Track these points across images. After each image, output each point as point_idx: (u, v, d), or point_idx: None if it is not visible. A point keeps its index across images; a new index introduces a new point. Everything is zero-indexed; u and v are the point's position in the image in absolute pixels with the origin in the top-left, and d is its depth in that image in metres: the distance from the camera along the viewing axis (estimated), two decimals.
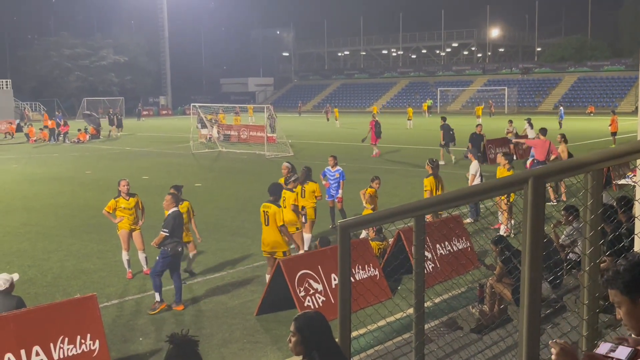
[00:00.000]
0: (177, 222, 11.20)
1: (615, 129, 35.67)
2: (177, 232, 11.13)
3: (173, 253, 11.05)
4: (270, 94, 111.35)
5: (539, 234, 3.79)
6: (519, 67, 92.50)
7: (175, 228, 11.09)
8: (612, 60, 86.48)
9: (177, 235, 11.15)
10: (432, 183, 15.23)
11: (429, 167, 15.64)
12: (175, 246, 11.07)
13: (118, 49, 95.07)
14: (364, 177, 23.67)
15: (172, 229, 11.00)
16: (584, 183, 4.03)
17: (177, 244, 11.12)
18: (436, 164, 15.78)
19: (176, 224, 11.14)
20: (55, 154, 37.63)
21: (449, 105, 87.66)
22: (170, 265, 11.11)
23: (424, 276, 5.28)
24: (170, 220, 11.08)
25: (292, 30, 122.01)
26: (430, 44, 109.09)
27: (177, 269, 11.28)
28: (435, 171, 15.49)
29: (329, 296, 10.75)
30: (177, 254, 11.14)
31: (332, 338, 4.49)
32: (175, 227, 11.07)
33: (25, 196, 22.79)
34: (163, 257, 11.04)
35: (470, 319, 9.70)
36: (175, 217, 11.21)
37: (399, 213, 5.25)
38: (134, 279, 12.91)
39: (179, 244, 11.19)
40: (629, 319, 2.88)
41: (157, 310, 10.89)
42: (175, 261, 11.15)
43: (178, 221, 11.24)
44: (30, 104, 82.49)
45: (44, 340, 8.05)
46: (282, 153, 34.67)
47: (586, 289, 4.04)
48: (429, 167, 15.61)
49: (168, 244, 10.99)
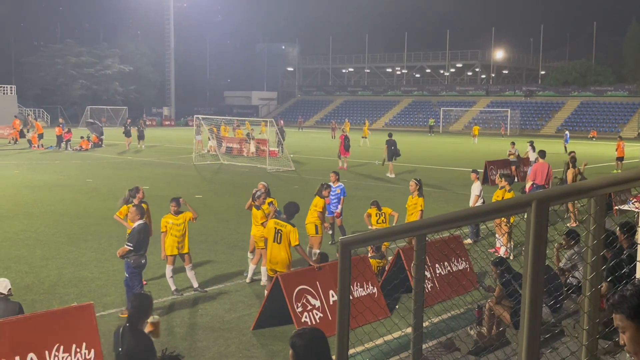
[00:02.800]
0: (142, 236, 11.26)
1: (621, 154, 35.73)
2: (141, 245, 11.22)
3: (136, 265, 11.14)
4: (273, 108, 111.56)
5: (541, 257, 3.77)
6: (523, 89, 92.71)
7: (140, 242, 11.18)
8: (616, 85, 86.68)
9: (142, 248, 11.24)
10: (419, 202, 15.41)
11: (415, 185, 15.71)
12: (138, 258, 11.16)
13: (123, 59, 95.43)
14: (365, 195, 23.72)
15: (137, 243, 11.09)
16: (587, 208, 4.02)
17: (140, 257, 11.21)
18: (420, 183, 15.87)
19: (141, 237, 11.20)
20: (57, 161, 37.64)
21: (452, 125, 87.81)
22: (137, 275, 11.24)
23: (424, 296, 5.25)
24: (135, 235, 11.16)
25: (297, 46, 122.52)
26: (435, 63, 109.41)
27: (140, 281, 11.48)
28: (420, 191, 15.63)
29: (327, 312, 10.71)
30: (139, 265, 11.22)
31: (329, 356, 4.45)
32: (140, 241, 11.16)
33: (26, 202, 22.77)
34: (129, 271, 11.19)
35: (468, 340, 9.64)
36: (140, 230, 11.25)
37: (400, 232, 5.23)
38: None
39: (142, 257, 11.26)
40: (632, 345, 2.85)
41: None
42: (138, 272, 11.29)
43: (143, 235, 11.28)
44: (34, 110, 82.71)
45: (39, 347, 8.00)
46: (284, 167, 34.68)
47: (586, 314, 4.02)
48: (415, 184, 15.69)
49: (131, 257, 11.10)
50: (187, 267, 12.65)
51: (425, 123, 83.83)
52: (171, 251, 12.47)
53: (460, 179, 29.56)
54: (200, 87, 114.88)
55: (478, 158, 37.57)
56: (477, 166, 25.18)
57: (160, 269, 14.37)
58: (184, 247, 12.57)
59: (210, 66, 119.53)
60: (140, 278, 11.41)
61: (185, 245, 12.58)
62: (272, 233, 11.44)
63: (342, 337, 4.95)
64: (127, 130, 48.45)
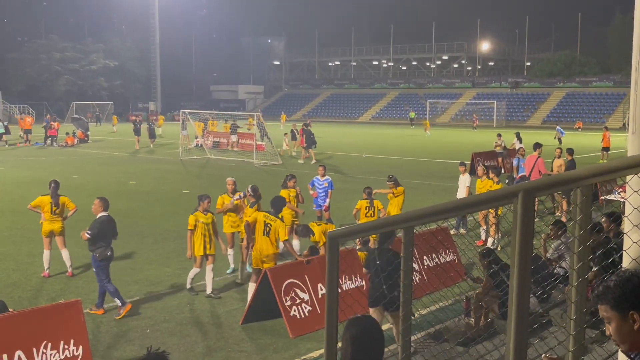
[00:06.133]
0: (104, 227, 11.20)
1: (607, 144, 35.91)
2: (103, 237, 11.14)
3: (102, 258, 11.08)
4: (260, 102, 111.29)
5: (528, 248, 3.78)
6: (508, 81, 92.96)
7: (101, 233, 11.12)
8: (601, 76, 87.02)
9: (105, 240, 11.16)
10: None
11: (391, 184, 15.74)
12: (104, 251, 11.10)
13: (108, 54, 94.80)
14: (352, 187, 23.73)
15: (97, 233, 11.04)
16: (574, 198, 4.03)
17: (105, 249, 11.13)
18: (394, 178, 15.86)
19: (102, 228, 11.16)
20: (42, 158, 37.41)
21: (438, 118, 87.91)
22: (104, 269, 11.15)
23: (412, 288, 5.26)
24: (96, 225, 11.16)
25: (283, 39, 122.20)
26: (421, 56, 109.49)
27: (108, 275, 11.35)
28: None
29: (316, 306, 10.71)
30: (105, 258, 11.14)
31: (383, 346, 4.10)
32: (100, 232, 11.10)
33: (12, 199, 22.63)
34: (96, 265, 11.15)
35: (456, 331, 9.68)
36: (102, 222, 11.23)
37: (388, 224, 5.23)
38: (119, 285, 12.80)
39: (107, 249, 11.17)
40: (618, 335, 2.87)
41: (122, 315, 10.94)
42: (105, 265, 11.19)
43: (105, 226, 11.22)
44: (19, 106, 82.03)
45: (27, 345, 7.96)
46: (271, 161, 34.63)
47: (574, 304, 4.03)
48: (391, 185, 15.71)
49: (96, 250, 11.06)
50: (208, 267, 12.20)
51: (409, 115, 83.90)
52: (199, 251, 12.14)
53: (446, 171, 29.62)
54: (186, 82, 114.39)
55: (464, 150, 37.64)
56: (463, 158, 25.26)
57: (156, 264, 14.37)
58: (212, 247, 12.29)
59: (196, 60, 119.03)
60: (108, 271, 11.24)
61: (212, 246, 12.31)
62: (261, 226, 11.44)
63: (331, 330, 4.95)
64: (137, 128, 44.87)
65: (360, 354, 3.92)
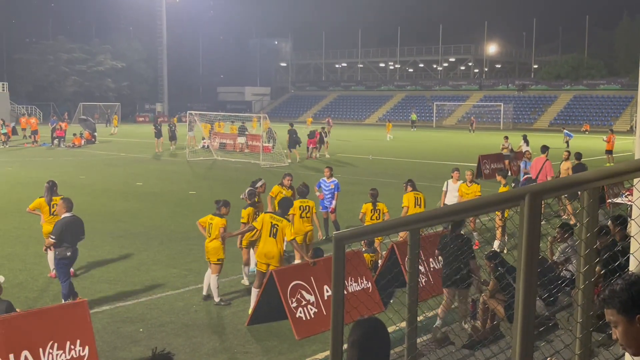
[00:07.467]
0: (67, 229, 11.23)
1: (611, 147, 35.75)
2: (66, 238, 11.20)
3: (61, 257, 11.20)
4: (266, 103, 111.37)
5: (534, 250, 3.78)
6: (516, 83, 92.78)
7: (64, 235, 11.18)
8: (608, 79, 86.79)
9: (67, 241, 11.22)
10: (409, 199, 15.35)
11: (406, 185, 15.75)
12: (63, 251, 11.18)
13: (115, 55, 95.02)
14: (359, 189, 23.70)
15: (60, 235, 11.12)
16: (580, 201, 4.02)
17: (66, 249, 11.20)
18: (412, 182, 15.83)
19: (65, 230, 11.20)
20: (49, 158, 37.52)
21: (445, 120, 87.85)
22: (63, 267, 11.29)
23: (418, 290, 5.26)
24: (58, 227, 11.21)
25: (290, 41, 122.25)
26: (428, 58, 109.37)
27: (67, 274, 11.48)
28: (413, 187, 15.58)
29: (321, 307, 10.71)
30: (64, 257, 11.22)
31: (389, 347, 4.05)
32: (63, 234, 11.16)
33: (20, 199, 22.66)
34: (55, 263, 11.42)
35: (462, 334, 9.66)
36: (64, 223, 11.27)
37: (394, 226, 5.23)
38: (125, 286, 12.83)
39: (68, 249, 11.23)
40: (625, 339, 2.85)
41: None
42: (65, 264, 11.31)
43: (67, 228, 11.25)
44: (27, 107, 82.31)
45: (33, 345, 7.97)
46: (278, 163, 34.66)
47: (580, 307, 4.02)
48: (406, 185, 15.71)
49: (57, 249, 11.18)
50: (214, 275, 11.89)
51: (419, 118, 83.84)
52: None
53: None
54: (193, 83, 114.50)
55: (470, 152, 37.57)
56: (470, 161, 25.19)
57: (162, 265, 14.40)
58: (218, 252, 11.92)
59: (203, 62, 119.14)
60: (67, 270, 11.40)
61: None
62: (268, 227, 11.32)
63: (337, 332, 4.95)
64: (158, 130, 42.42)
65: (366, 357, 3.90)
